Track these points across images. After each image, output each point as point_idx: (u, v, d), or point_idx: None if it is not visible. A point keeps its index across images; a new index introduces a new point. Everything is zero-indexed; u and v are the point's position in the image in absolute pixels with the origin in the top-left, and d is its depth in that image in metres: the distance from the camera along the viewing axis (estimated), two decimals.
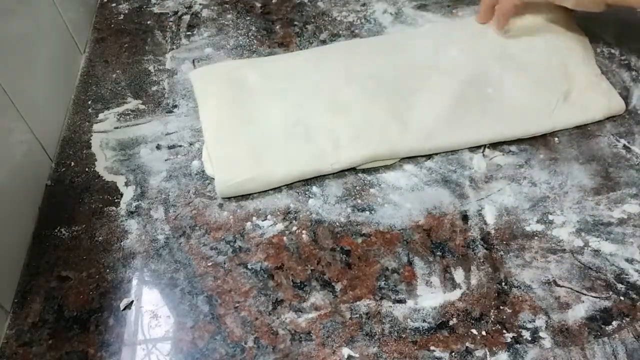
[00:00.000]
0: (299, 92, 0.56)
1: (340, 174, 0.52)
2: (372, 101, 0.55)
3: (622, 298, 0.43)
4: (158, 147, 0.56)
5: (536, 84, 0.55)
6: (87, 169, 0.55)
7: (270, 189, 0.51)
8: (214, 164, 0.52)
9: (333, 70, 0.58)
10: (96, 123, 0.58)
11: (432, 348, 0.42)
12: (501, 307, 0.43)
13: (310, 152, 0.52)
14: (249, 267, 0.47)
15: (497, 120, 0.53)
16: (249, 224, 0.49)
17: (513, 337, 0.42)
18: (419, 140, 0.52)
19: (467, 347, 0.41)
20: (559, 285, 0.44)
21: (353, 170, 0.52)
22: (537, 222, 0.47)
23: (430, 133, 0.52)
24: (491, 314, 0.43)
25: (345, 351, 0.42)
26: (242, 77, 0.58)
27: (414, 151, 0.52)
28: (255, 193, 0.51)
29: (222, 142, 0.53)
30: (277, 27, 0.65)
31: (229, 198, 0.51)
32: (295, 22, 0.66)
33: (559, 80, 0.55)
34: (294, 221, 0.49)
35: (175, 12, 0.69)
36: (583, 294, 0.43)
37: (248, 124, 0.54)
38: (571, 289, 0.43)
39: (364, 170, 0.52)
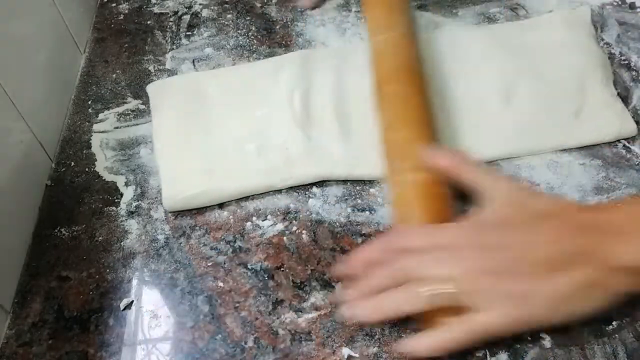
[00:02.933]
0: (256, 105, 0.56)
1: None
2: (336, 116, 0.54)
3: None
4: None
5: (548, 100, 0.53)
6: (87, 169, 0.55)
7: (271, 190, 0.51)
8: (161, 177, 0.52)
9: (290, 80, 0.57)
10: (96, 123, 0.58)
11: None
12: None
13: (262, 167, 0.51)
14: (249, 267, 0.47)
15: (497, 137, 0.52)
16: (249, 224, 0.49)
17: (513, 337, 0.41)
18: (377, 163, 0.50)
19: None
20: None
21: None
22: None
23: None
24: None
25: (345, 351, 0.42)
26: (200, 89, 0.57)
27: (377, 175, 0.50)
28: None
29: (171, 155, 0.53)
30: (277, 27, 0.65)
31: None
32: (296, 22, 0.65)
33: (572, 97, 0.53)
34: (294, 221, 0.49)
35: (175, 12, 0.69)
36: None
37: (200, 138, 0.54)
38: None
39: None
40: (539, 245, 0.39)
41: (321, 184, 0.51)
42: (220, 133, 0.54)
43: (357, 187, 0.51)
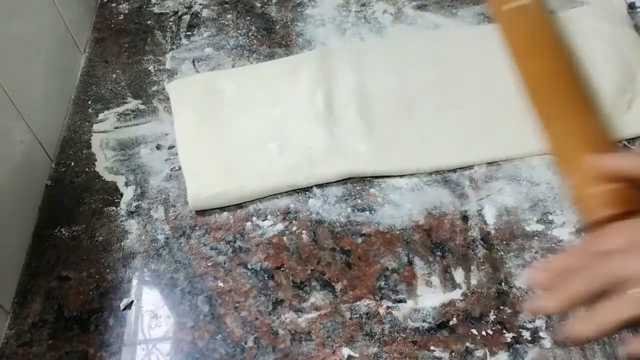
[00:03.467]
0: (275, 104, 0.56)
1: None
2: (357, 114, 0.54)
3: None
4: (158, 147, 0.56)
5: (600, 92, 0.52)
6: (87, 169, 0.55)
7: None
8: (185, 177, 0.52)
9: (311, 79, 0.57)
10: (96, 123, 0.58)
11: (432, 348, 0.42)
12: (501, 307, 0.43)
13: (285, 166, 0.51)
14: (249, 267, 0.47)
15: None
16: (249, 224, 0.49)
17: (513, 337, 0.42)
18: (408, 160, 0.51)
19: (467, 347, 0.41)
20: None
21: None
22: (537, 222, 0.47)
23: (421, 153, 0.51)
24: (491, 314, 0.43)
25: (345, 351, 0.42)
26: (219, 89, 0.58)
27: (401, 171, 0.51)
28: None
29: (194, 154, 0.53)
30: (277, 27, 0.65)
31: None
32: (296, 22, 0.65)
33: (624, 88, 0.53)
34: (294, 221, 0.49)
35: (175, 12, 0.69)
36: None
37: (222, 137, 0.54)
38: None
39: None
40: None
41: (321, 184, 0.51)
42: (241, 132, 0.54)
43: (357, 187, 0.51)
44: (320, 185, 0.51)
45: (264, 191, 0.50)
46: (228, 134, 0.54)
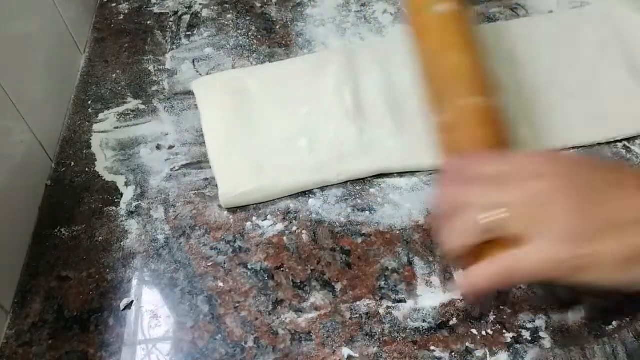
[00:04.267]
0: (302, 101, 0.56)
1: None
2: (386, 111, 0.54)
3: (622, 298, 0.42)
4: (158, 147, 0.56)
5: (635, 83, 0.53)
6: (87, 169, 0.55)
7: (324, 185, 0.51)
8: (216, 175, 0.52)
9: (338, 76, 0.57)
10: (96, 123, 0.58)
11: (432, 348, 0.42)
12: (501, 307, 0.43)
13: (315, 162, 0.51)
14: (249, 267, 0.47)
15: (571, 126, 0.51)
16: (249, 224, 0.49)
17: (513, 337, 0.42)
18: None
19: (467, 347, 0.41)
20: (559, 285, 0.43)
21: None
22: None
23: None
24: (491, 314, 0.43)
25: (345, 351, 0.42)
26: (244, 86, 0.58)
27: (430, 166, 0.51)
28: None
29: (224, 152, 0.53)
30: (277, 27, 0.65)
31: None
32: (296, 22, 0.65)
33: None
34: (294, 221, 0.49)
35: (175, 12, 0.69)
36: (583, 293, 0.43)
37: (251, 134, 0.54)
38: (572, 289, 0.43)
39: None
40: (621, 190, 0.34)
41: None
42: (269, 129, 0.54)
43: (357, 187, 0.51)
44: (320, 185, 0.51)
45: (296, 188, 0.51)
46: (256, 131, 0.54)
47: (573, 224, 0.33)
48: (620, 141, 0.51)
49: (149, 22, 0.68)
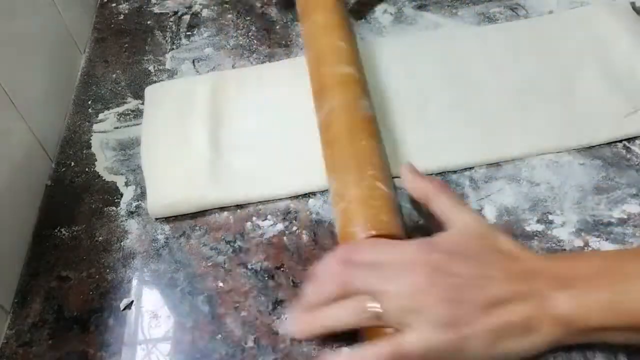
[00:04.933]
0: (248, 113, 0.56)
1: None
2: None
3: None
4: None
5: (613, 87, 0.53)
6: (87, 169, 0.55)
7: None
8: (146, 183, 0.51)
9: (288, 88, 0.57)
10: (96, 123, 0.59)
11: None
12: None
13: (250, 175, 0.51)
14: (249, 267, 0.47)
15: (555, 128, 0.51)
16: (249, 224, 0.49)
17: None
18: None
19: None
20: None
21: None
22: (537, 222, 0.47)
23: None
24: None
25: (346, 351, 0.42)
26: (194, 95, 0.57)
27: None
28: None
29: (157, 161, 0.53)
30: (277, 27, 0.65)
31: None
32: (296, 22, 0.66)
33: (633, 85, 0.53)
34: (294, 221, 0.49)
35: (175, 12, 0.69)
36: None
37: (188, 145, 0.53)
38: None
39: None
40: (485, 280, 0.38)
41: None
42: (207, 141, 0.53)
43: None
44: None
45: (224, 202, 0.50)
46: (193, 142, 0.53)
47: (445, 312, 0.37)
48: (620, 141, 0.51)
49: (149, 22, 0.68)
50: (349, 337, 0.42)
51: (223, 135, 0.54)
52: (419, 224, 0.48)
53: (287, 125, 0.54)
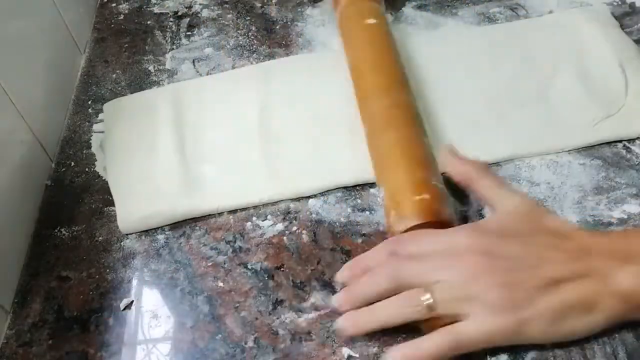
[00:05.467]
0: (212, 123, 0.55)
1: None
2: (300, 131, 0.53)
3: None
4: None
5: (589, 93, 0.53)
6: (87, 169, 0.55)
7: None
8: (114, 199, 0.51)
9: (251, 97, 0.57)
10: (96, 123, 0.59)
11: None
12: None
13: (218, 187, 0.50)
14: (249, 267, 0.47)
15: (528, 134, 0.51)
16: (249, 224, 0.49)
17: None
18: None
19: None
20: None
21: None
22: None
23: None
24: None
25: (345, 351, 0.42)
26: (155, 108, 0.57)
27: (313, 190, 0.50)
28: None
29: (124, 177, 0.52)
30: (277, 27, 0.65)
31: None
32: (296, 22, 0.66)
33: (617, 91, 0.52)
34: (294, 221, 0.49)
35: (175, 12, 0.69)
36: None
37: (154, 158, 0.53)
38: None
39: None
40: (540, 261, 0.38)
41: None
42: (174, 152, 0.53)
43: (357, 187, 0.51)
44: None
45: (195, 213, 0.50)
46: (159, 156, 0.53)
47: (501, 296, 0.37)
48: (620, 141, 0.51)
49: (149, 22, 0.68)
50: (349, 338, 0.42)
51: (188, 146, 0.53)
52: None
53: (251, 133, 0.54)
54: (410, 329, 0.40)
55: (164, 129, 0.55)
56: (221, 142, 0.54)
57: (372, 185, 0.51)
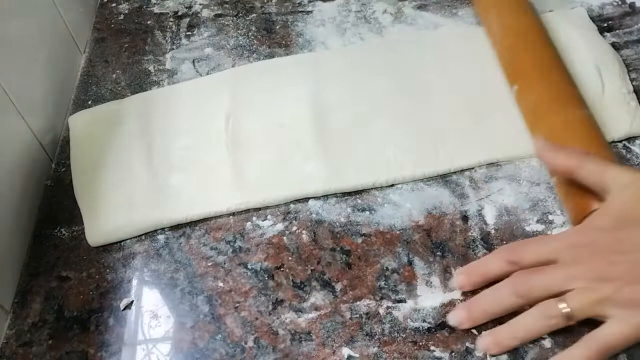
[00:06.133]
0: (182, 132, 0.55)
1: None
2: (264, 139, 0.53)
3: None
4: None
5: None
6: None
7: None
8: (82, 212, 0.50)
9: (222, 105, 0.56)
10: None
11: (432, 348, 0.42)
12: None
13: (188, 197, 0.50)
14: (249, 267, 0.47)
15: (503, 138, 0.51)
16: (249, 224, 0.49)
17: None
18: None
19: (467, 347, 0.41)
20: None
21: None
22: (537, 222, 0.47)
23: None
24: None
25: (345, 351, 0.42)
26: (120, 118, 0.56)
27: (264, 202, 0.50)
28: None
29: (91, 189, 0.51)
30: (277, 27, 0.65)
31: None
32: (296, 22, 0.66)
33: (594, 93, 0.52)
34: (294, 221, 0.49)
35: (175, 12, 0.69)
36: None
37: (122, 169, 0.52)
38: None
39: None
40: None
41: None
42: (141, 163, 0.52)
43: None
44: None
45: (165, 223, 0.49)
46: (126, 166, 0.52)
47: (637, 293, 0.36)
48: (620, 141, 0.51)
49: (149, 22, 0.68)
50: (349, 337, 0.42)
51: (157, 156, 0.53)
52: (419, 223, 0.48)
53: (219, 141, 0.53)
54: None
55: (130, 139, 0.54)
56: (188, 151, 0.53)
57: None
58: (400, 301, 0.44)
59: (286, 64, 0.60)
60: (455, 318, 0.42)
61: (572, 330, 0.41)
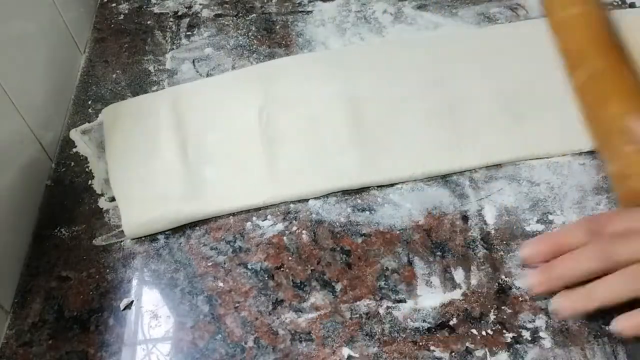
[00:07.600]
0: (215, 125, 0.55)
1: None
2: (300, 134, 0.53)
3: None
4: None
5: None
6: (87, 169, 0.55)
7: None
8: (119, 204, 0.50)
9: (255, 99, 0.56)
10: (89, 122, 0.58)
11: (432, 348, 0.42)
12: (501, 307, 0.43)
13: (221, 190, 0.50)
14: (249, 267, 0.47)
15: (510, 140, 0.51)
16: (249, 224, 0.49)
17: (513, 337, 0.42)
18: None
19: (467, 347, 0.41)
20: None
21: None
22: (537, 222, 0.47)
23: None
24: (491, 314, 0.43)
25: (345, 351, 0.42)
26: (154, 111, 0.56)
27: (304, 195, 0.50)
28: None
29: (127, 181, 0.52)
30: (277, 27, 0.65)
31: None
32: (296, 22, 0.66)
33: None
34: (294, 221, 0.49)
35: (175, 12, 0.69)
36: None
37: (157, 162, 0.52)
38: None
39: None
40: None
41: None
42: (176, 155, 0.52)
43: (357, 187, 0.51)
44: None
45: (200, 215, 0.49)
46: (161, 159, 0.53)
47: None
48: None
49: (149, 22, 0.68)
50: (349, 337, 0.42)
51: (191, 149, 0.53)
52: (419, 223, 0.48)
53: (252, 135, 0.54)
54: None
55: (165, 132, 0.55)
56: (222, 144, 0.54)
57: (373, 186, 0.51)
58: (400, 301, 0.44)
59: (316, 58, 0.61)
60: (530, 281, 0.42)
61: (572, 330, 0.41)
